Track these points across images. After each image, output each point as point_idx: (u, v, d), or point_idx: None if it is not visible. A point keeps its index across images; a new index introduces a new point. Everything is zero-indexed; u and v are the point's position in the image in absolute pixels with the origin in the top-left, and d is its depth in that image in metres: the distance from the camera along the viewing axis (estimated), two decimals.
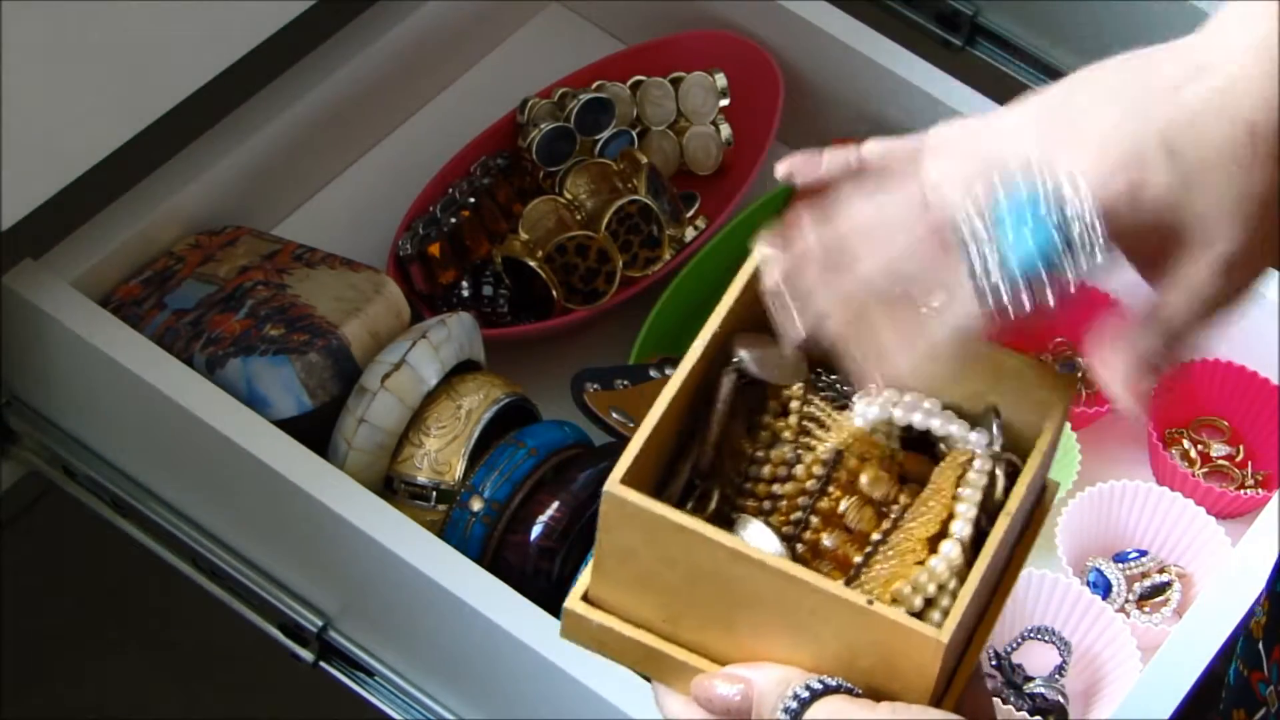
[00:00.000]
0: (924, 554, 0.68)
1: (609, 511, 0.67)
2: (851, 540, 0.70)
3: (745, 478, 0.71)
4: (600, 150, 1.23)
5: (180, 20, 1.02)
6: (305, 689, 1.24)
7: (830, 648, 0.67)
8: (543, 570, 0.99)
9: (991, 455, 0.71)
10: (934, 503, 0.70)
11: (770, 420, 0.72)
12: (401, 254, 1.17)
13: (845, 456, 0.71)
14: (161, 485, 1.08)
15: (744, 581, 0.67)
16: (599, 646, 0.70)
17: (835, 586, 0.66)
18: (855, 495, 0.71)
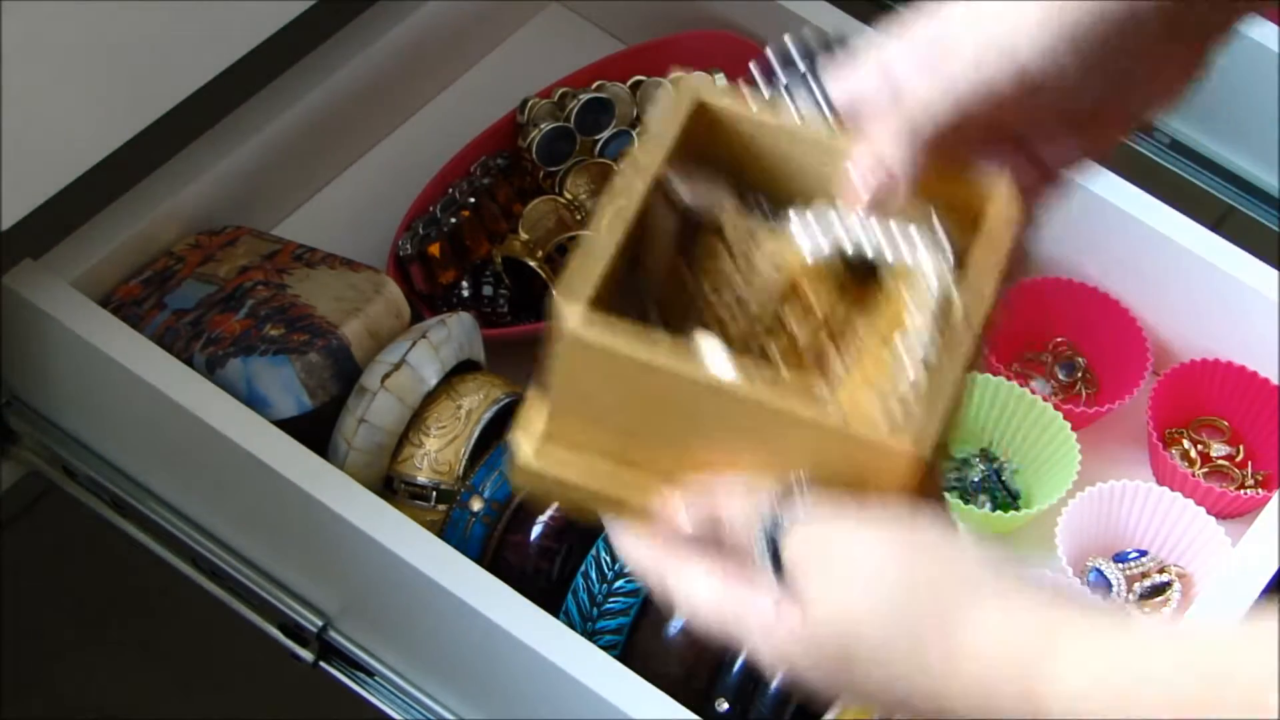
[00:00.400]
0: (885, 367, 0.67)
1: (569, 355, 0.65)
2: (808, 359, 0.70)
3: (692, 307, 0.70)
4: (600, 150, 1.23)
5: (180, 20, 1.02)
6: (305, 689, 1.24)
7: (800, 468, 0.67)
8: (543, 570, 0.99)
9: (937, 261, 0.70)
10: (888, 315, 0.69)
11: (712, 251, 0.71)
12: (401, 254, 1.17)
13: (791, 278, 0.70)
14: (161, 485, 1.08)
15: (710, 411, 0.66)
16: (551, 496, 0.69)
17: (810, 408, 0.66)
18: (807, 315, 0.70)
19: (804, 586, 0.67)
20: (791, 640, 0.68)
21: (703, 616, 0.70)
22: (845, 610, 0.66)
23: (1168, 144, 1.30)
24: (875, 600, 0.66)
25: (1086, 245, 1.18)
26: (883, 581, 0.66)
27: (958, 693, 0.65)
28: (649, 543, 0.71)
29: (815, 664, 0.68)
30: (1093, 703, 0.63)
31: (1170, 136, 1.30)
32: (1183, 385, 1.17)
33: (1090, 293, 1.18)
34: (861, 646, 0.66)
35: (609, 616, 0.98)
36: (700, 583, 0.70)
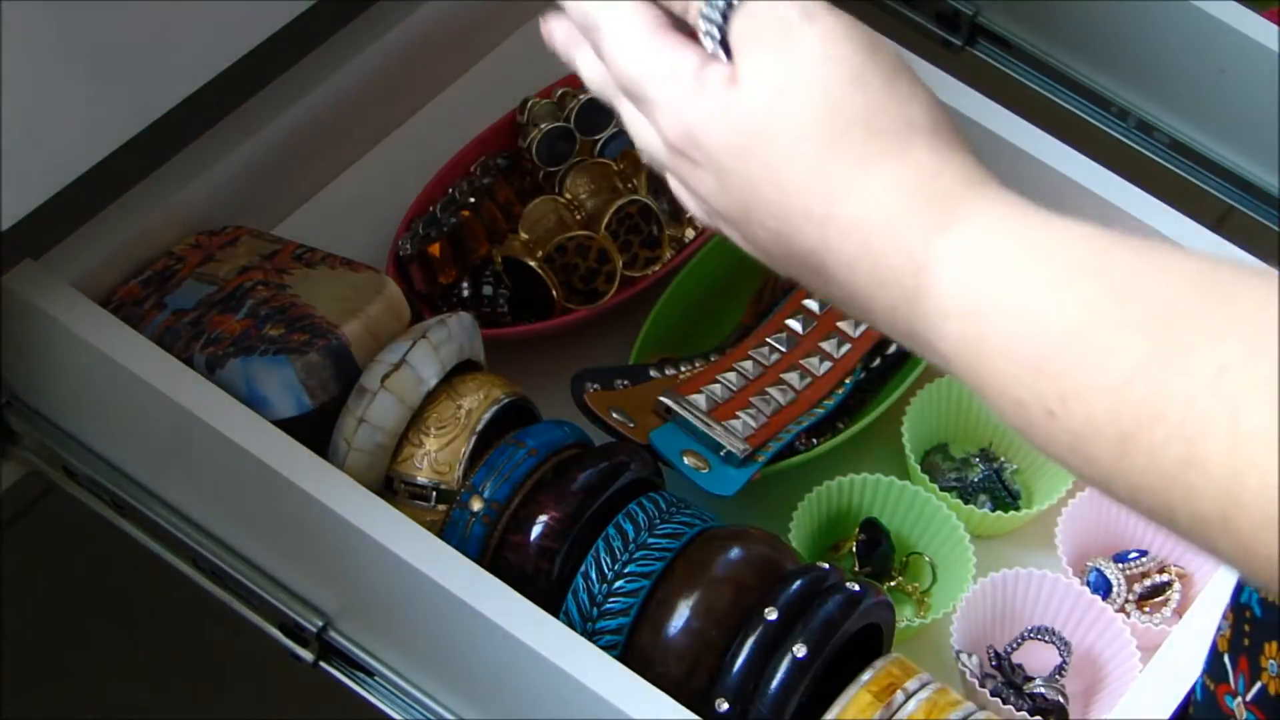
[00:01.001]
0: None
1: None
2: None
3: None
4: (600, 150, 1.23)
5: (180, 20, 1.02)
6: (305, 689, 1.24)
7: None
8: (543, 570, 0.99)
9: None
10: None
11: None
12: (401, 254, 1.17)
13: None
14: (161, 485, 1.08)
15: None
16: None
17: None
18: None
19: (743, 57, 0.64)
20: (702, 110, 0.64)
21: (617, 62, 0.67)
22: (775, 92, 0.63)
23: (1168, 144, 1.30)
24: (812, 94, 0.63)
25: None
26: (828, 77, 0.63)
27: (835, 239, 0.62)
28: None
29: (715, 143, 0.64)
30: (968, 299, 0.59)
31: (1170, 136, 1.30)
32: None
33: None
34: (773, 143, 0.63)
35: (609, 616, 0.98)
36: (626, 21, 0.67)
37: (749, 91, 0.63)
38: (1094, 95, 1.31)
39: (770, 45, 0.63)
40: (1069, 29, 1.31)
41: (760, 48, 0.64)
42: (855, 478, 1.12)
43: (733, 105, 0.64)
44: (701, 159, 0.65)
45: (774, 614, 0.96)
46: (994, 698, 1.04)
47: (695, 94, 0.65)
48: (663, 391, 1.10)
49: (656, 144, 0.68)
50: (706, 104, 0.64)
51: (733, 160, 0.64)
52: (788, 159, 0.63)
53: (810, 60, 0.63)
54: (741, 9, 0.64)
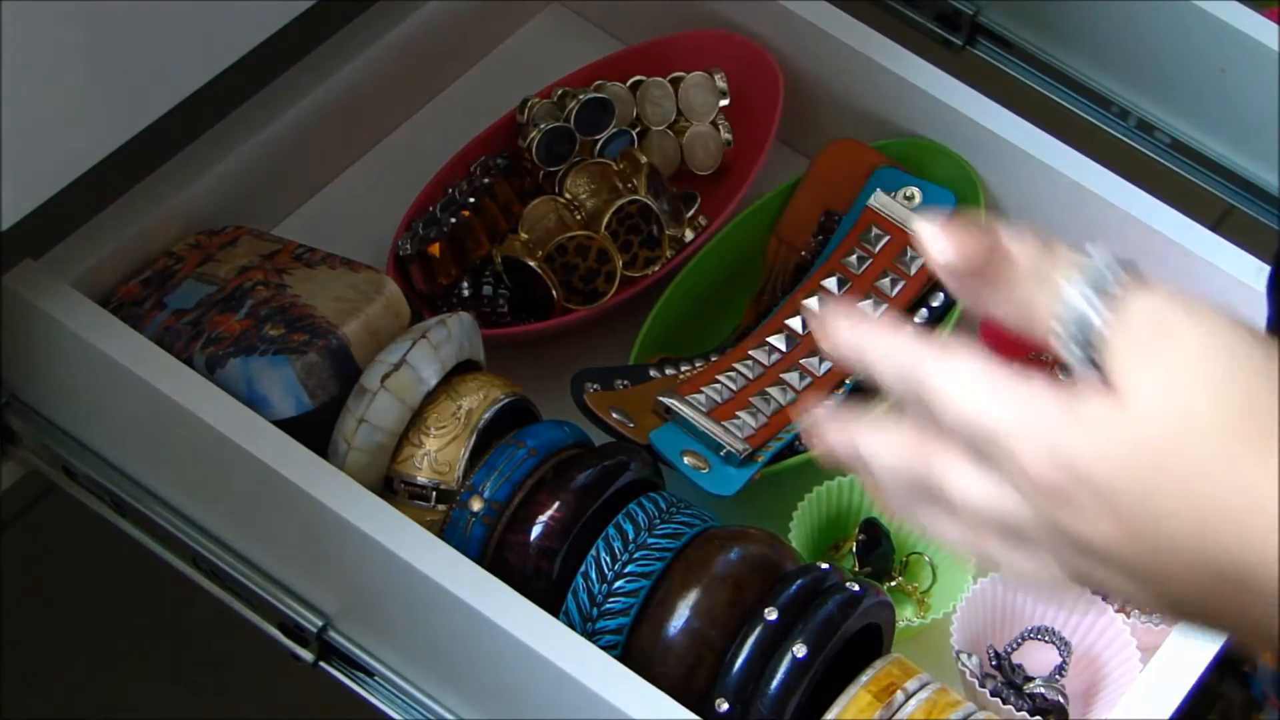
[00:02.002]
0: None
1: None
2: None
3: None
4: (600, 150, 1.23)
5: (180, 20, 1.01)
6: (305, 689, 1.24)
7: None
8: (543, 570, 0.99)
9: None
10: None
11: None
12: (401, 254, 1.17)
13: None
14: (161, 485, 1.08)
15: None
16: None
17: None
18: None
19: (1125, 370, 0.56)
20: (1083, 437, 0.56)
21: (962, 408, 0.58)
22: (1166, 395, 0.55)
23: (1168, 144, 1.30)
24: (1205, 385, 0.55)
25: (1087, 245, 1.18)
26: (1217, 367, 0.55)
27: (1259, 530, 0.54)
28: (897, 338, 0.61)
29: (1106, 469, 0.56)
30: None
31: (1170, 136, 1.30)
32: None
33: None
34: (1176, 447, 0.55)
35: (609, 616, 0.98)
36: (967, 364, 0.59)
37: (1138, 402, 0.56)
38: (1094, 95, 1.31)
39: (1154, 353, 0.56)
40: (1069, 29, 1.31)
41: (1144, 359, 0.56)
42: (855, 478, 1.12)
43: (1121, 421, 0.56)
44: (1087, 494, 0.57)
45: (774, 614, 0.96)
46: (994, 698, 1.04)
47: (1070, 423, 0.57)
48: (663, 391, 1.10)
49: (1008, 501, 0.59)
50: (1087, 430, 0.56)
51: (1131, 482, 0.56)
52: (1196, 459, 0.55)
53: (1196, 353, 0.56)
54: (1119, 323, 0.57)
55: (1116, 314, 0.57)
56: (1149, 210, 1.17)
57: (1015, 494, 0.59)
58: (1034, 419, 0.57)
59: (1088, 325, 0.57)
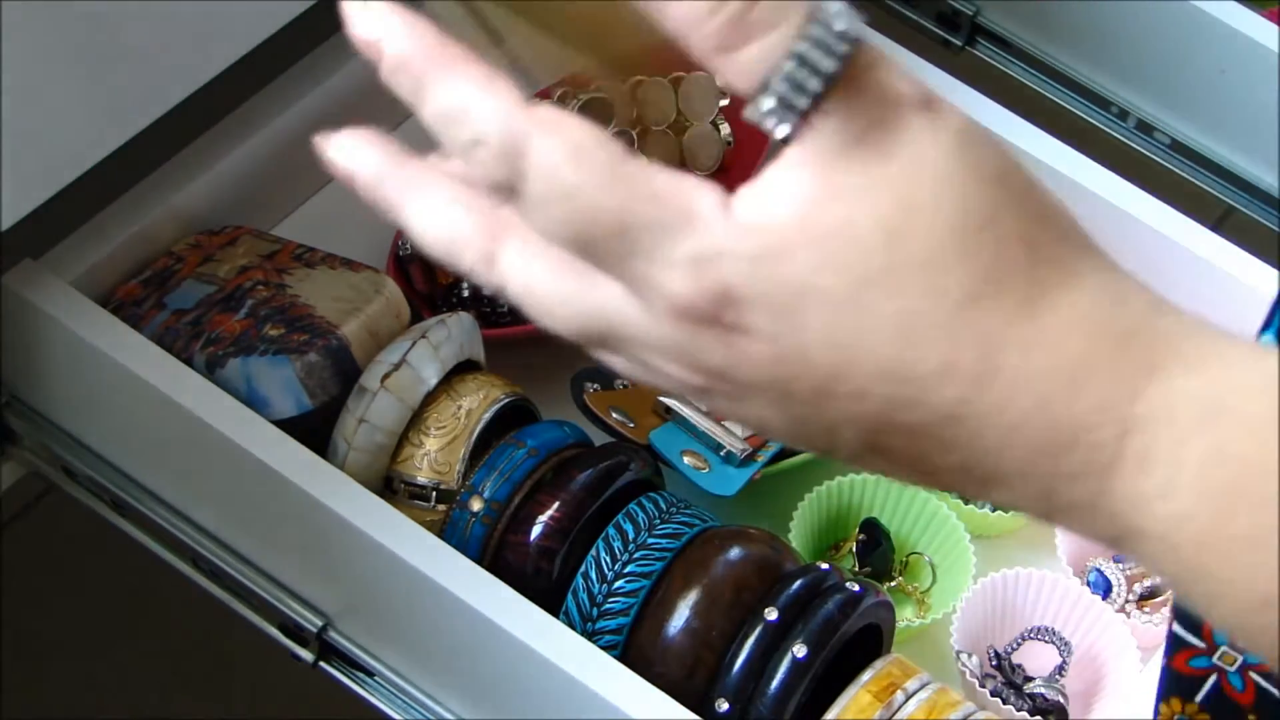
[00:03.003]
0: None
1: None
2: None
3: None
4: None
5: (180, 20, 1.01)
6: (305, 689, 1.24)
7: None
8: (543, 570, 0.99)
9: None
10: None
11: None
12: (401, 254, 1.17)
13: None
14: (161, 485, 1.08)
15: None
16: None
17: None
18: None
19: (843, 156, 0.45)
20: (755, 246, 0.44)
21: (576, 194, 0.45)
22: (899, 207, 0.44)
23: (1168, 144, 1.30)
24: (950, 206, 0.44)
25: None
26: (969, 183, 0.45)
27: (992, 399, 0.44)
28: None
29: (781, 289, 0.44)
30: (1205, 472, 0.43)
31: (1170, 136, 1.30)
32: None
33: None
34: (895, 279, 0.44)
35: (609, 616, 0.98)
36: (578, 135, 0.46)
37: (853, 210, 0.44)
38: (1094, 95, 1.31)
39: (881, 146, 0.45)
40: (1069, 29, 1.31)
41: (866, 149, 0.45)
42: (855, 478, 1.12)
43: (824, 231, 0.44)
44: (748, 317, 0.45)
45: (774, 614, 0.96)
46: (994, 698, 1.04)
47: (722, 221, 0.45)
48: (663, 392, 1.10)
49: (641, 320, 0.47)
50: (763, 238, 0.45)
51: (819, 310, 0.44)
52: (920, 298, 0.44)
53: (934, 164, 0.45)
54: (843, 83, 0.45)
55: (846, 75, 0.45)
56: (1149, 210, 1.17)
57: (627, 300, 0.47)
58: (685, 217, 0.45)
59: (809, 87, 0.44)
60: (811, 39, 0.45)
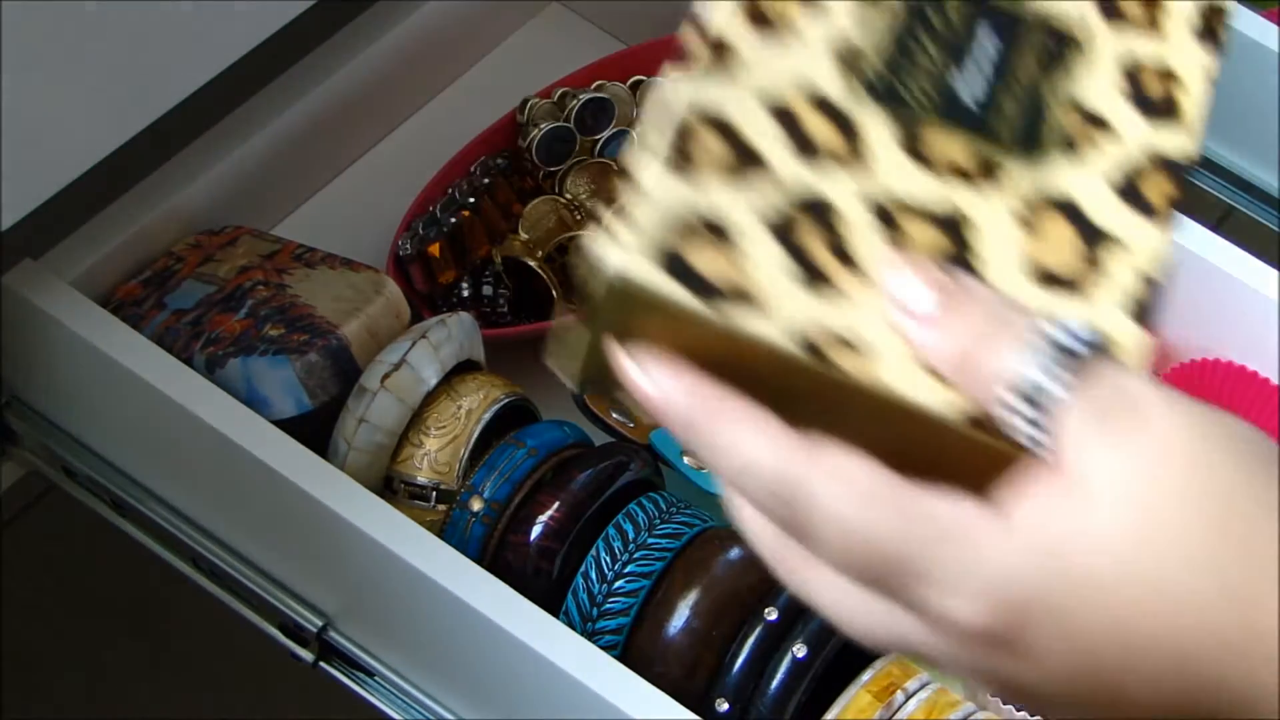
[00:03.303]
0: None
1: None
2: None
3: None
4: (600, 150, 1.23)
5: (179, 20, 1.01)
6: (305, 689, 1.24)
7: None
8: (543, 570, 0.99)
9: None
10: None
11: None
12: (401, 254, 1.17)
13: None
14: (161, 485, 1.08)
15: None
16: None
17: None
18: None
19: (1087, 455, 0.46)
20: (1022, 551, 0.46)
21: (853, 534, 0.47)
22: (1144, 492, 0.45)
23: None
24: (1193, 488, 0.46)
25: None
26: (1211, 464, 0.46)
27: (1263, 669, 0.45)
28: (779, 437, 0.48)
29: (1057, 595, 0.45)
30: None
31: None
32: (1183, 385, 1.17)
33: None
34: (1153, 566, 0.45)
35: (609, 616, 0.98)
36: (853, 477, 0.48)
37: (1108, 500, 0.46)
38: None
39: (1125, 436, 0.47)
40: None
41: (1112, 440, 0.46)
42: None
43: (1085, 526, 0.46)
44: (1030, 633, 0.46)
45: (774, 614, 0.96)
46: (994, 698, 1.04)
47: (1002, 538, 0.46)
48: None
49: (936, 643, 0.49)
50: (1027, 540, 0.46)
51: (1084, 602, 0.45)
52: (1180, 583, 0.45)
53: (1181, 450, 0.46)
54: (1081, 386, 0.47)
55: (1080, 379, 0.48)
56: None
57: (920, 626, 0.49)
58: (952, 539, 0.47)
59: (1043, 393, 0.48)
60: (1046, 347, 0.48)
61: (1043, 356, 0.48)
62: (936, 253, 0.53)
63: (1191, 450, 0.47)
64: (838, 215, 0.53)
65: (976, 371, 0.49)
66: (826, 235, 0.53)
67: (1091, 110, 0.57)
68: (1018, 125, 0.56)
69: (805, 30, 0.55)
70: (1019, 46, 0.57)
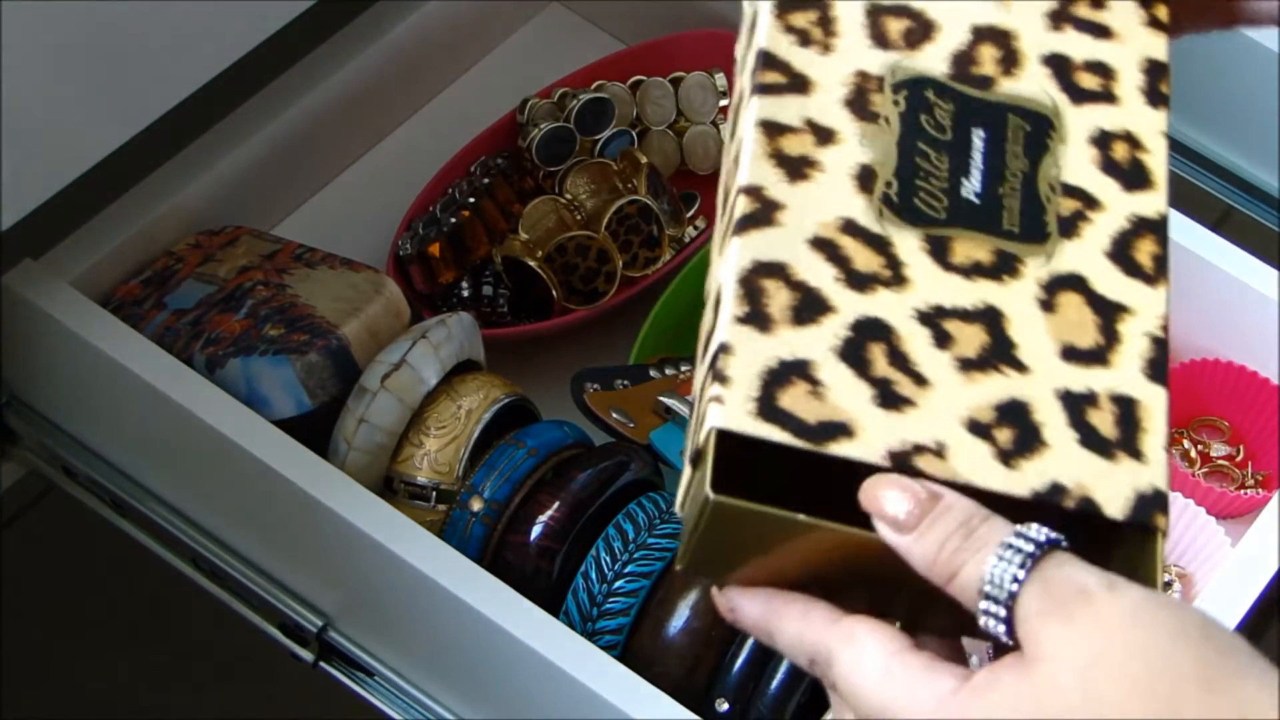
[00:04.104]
0: None
1: None
2: None
3: None
4: (600, 150, 1.23)
5: (180, 20, 1.02)
6: (305, 689, 1.24)
7: None
8: (543, 570, 0.99)
9: None
10: None
11: None
12: (401, 254, 1.17)
13: None
14: (161, 485, 1.08)
15: None
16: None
17: None
18: None
19: (1040, 634, 0.56)
20: (990, 708, 0.56)
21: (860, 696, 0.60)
22: (1086, 666, 0.55)
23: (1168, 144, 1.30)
24: (1130, 662, 0.54)
25: None
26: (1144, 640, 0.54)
27: None
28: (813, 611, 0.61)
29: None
30: None
31: (1170, 137, 1.30)
32: (1183, 385, 1.17)
33: None
34: None
35: (609, 616, 0.98)
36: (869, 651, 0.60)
37: (1053, 670, 0.55)
38: None
39: (1071, 616, 0.55)
40: None
41: (1059, 621, 0.55)
42: None
43: (1034, 693, 0.55)
44: None
45: None
46: None
47: (975, 696, 0.56)
48: (663, 391, 1.10)
49: None
50: (996, 699, 0.56)
51: None
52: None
53: (1122, 623, 0.55)
54: (1033, 580, 0.56)
55: (1035, 574, 0.56)
56: None
57: None
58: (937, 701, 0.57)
59: (1003, 590, 0.57)
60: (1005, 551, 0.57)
61: (1002, 559, 0.57)
62: (980, 347, 0.61)
63: (1133, 630, 0.55)
64: (894, 333, 0.61)
65: (948, 573, 0.58)
66: (888, 352, 0.61)
67: (1077, 186, 0.64)
68: (1022, 216, 0.63)
69: (823, 160, 0.63)
70: (1004, 136, 0.64)
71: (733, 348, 0.61)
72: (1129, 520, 0.60)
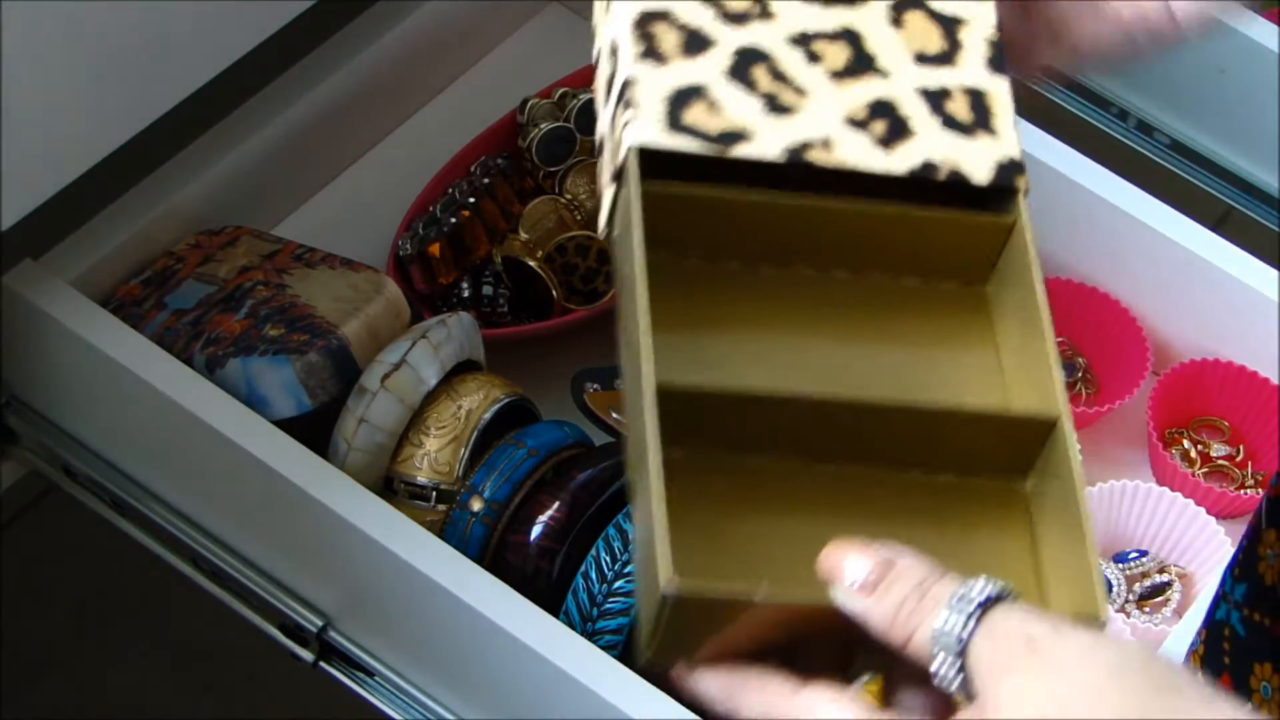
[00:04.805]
0: None
1: None
2: None
3: None
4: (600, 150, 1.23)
5: (180, 20, 1.02)
6: (305, 689, 1.24)
7: None
8: (543, 570, 0.99)
9: None
10: None
11: None
12: (401, 254, 1.17)
13: None
14: (161, 485, 1.08)
15: None
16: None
17: None
18: None
19: (991, 680, 0.58)
20: None
21: None
22: (1035, 707, 0.57)
23: (1168, 144, 1.30)
24: (1078, 699, 0.57)
25: (1086, 245, 1.18)
26: (1090, 679, 0.58)
27: None
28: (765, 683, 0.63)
29: None
30: None
31: (1170, 136, 1.30)
32: (1183, 385, 1.17)
33: (1090, 293, 1.18)
34: None
35: (609, 616, 0.98)
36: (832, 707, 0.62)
37: (1006, 712, 0.58)
38: (1094, 96, 1.31)
39: (1020, 666, 0.58)
40: None
41: (1010, 671, 0.58)
42: None
43: None
44: None
45: None
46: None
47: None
48: None
49: None
50: None
51: None
52: None
53: (1067, 666, 0.58)
54: (982, 632, 0.59)
55: (983, 625, 0.59)
56: (1149, 210, 1.17)
57: None
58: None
59: (956, 639, 0.60)
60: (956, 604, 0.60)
61: (953, 614, 0.59)
62: (846, 60, 0.71)
63: (1077, 672, 0.58)
64: (771, 56, 0.70)
65: (905, 634, 0.61)
66: (770, 71, 0.70)
67: None
68: None
69: None
70: None
71: (637, 79, 0.69)
72: (993, 184, 0.69)
